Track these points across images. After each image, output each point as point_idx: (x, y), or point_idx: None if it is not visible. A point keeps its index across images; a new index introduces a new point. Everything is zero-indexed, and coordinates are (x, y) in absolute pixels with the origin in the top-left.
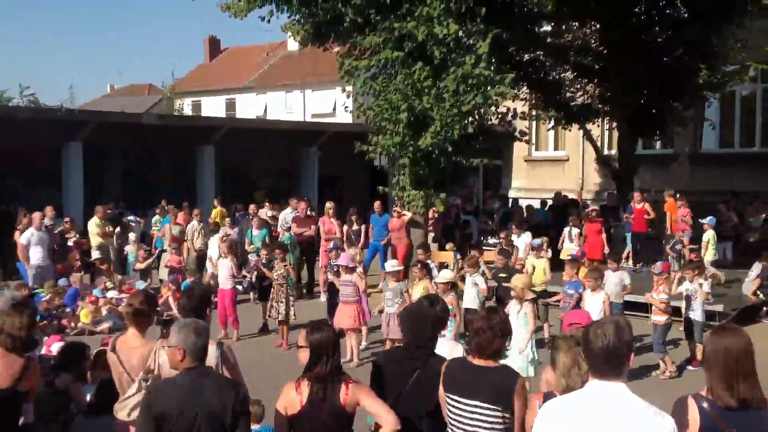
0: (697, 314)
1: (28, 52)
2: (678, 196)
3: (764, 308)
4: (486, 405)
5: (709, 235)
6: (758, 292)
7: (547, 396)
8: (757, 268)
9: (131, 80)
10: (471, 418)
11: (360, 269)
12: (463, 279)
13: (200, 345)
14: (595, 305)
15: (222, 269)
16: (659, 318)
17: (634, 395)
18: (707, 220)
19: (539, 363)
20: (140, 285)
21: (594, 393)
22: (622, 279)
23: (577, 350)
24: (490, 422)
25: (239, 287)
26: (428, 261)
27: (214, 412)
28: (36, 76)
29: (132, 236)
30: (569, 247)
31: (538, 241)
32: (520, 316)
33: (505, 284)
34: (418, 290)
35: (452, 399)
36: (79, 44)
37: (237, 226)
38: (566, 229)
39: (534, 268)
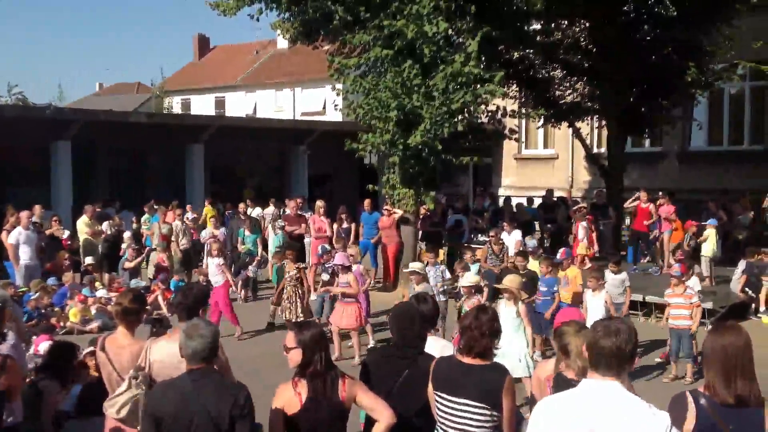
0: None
1: (17, 51)
2: (660, 193)
3: (753, 305)
4: (474, 403)
5: (710, 232)
6: (746, 289)
7: (557, 378)
8: (742, 264)
9: (120, 79)
10: (459, 416)
11: (360, 267)
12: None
13: (194, 348)
14: (596, 305)
15: (211, 267)
16: (688, 322)
17: (629, 393)
18: (709, 222)
19: (534, 363)
20: (140, 284)
21: (590, 390)
22: (623, 281)
23: (586, 333)
24: (479, 420)
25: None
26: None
27: (211, 415)
28: (24, 74)
29: (126, 235)
30: (584, 243)
31: (532, 242)
32: (514, 318)
33: (496, 285)
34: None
35: (441, 397)
36: (68, 43)
37: (226, 226)
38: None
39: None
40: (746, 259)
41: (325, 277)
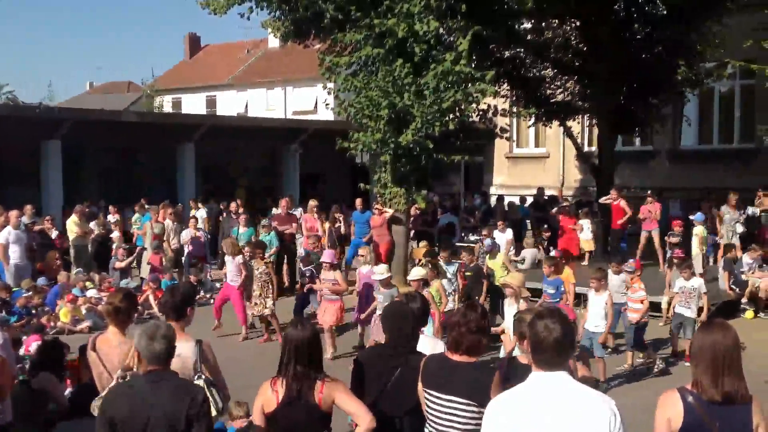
0: (692, 312)
1: (7, 50)
2: (649, 192)
3: (742, 302)
4: (461, 400)
5: (699, 230)
6: (734, 287)
7: (512, 362)
8: (721, 262)
9: (111, 78)
10: (447, 413)
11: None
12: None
13: (155, 349)
14: (599, 305)
15: (230, 266)
16: (635, 315)
17: (577, 382)
18: (695, 217)
19: None
20: (130, 284)
21: (540, 383)
22: (624, 281)
23: None
24: (466, 417)
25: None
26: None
27: (167, 416)
28: (15, 73)
29: (115, 234)
30: (585, 238)
31: (489, 241)
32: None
33: (501, 283)
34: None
35: (429, 394)
36: (59, 42)
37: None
38: (581, 222)
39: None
40: (726, 255)
41: (305, 281)
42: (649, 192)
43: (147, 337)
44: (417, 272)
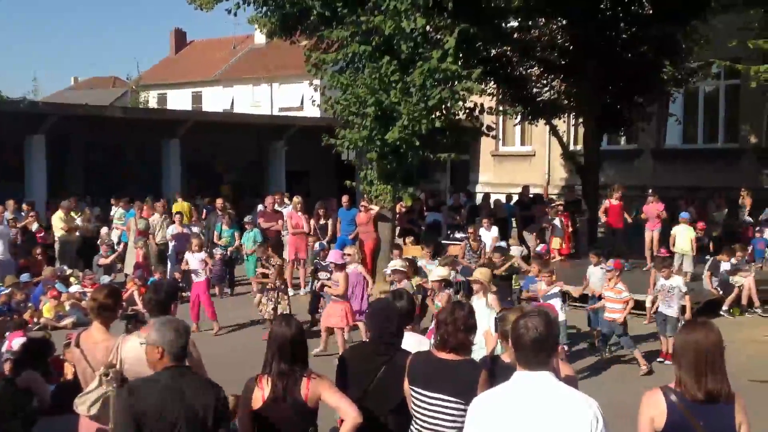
0: (673, 311)
1: None
2: (650, 191)
3: (725, 302)
4: (448, 398)
5: (684, 227)
6: (718, 288)
7: (495, 361)
8: (708, 263)
9: (96, 73)
10: (434, 411)
11: (359, 268)
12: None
13: (179, 344)
14: (551, 301)
15: (193, 264)
16: (618, 315)
17: (560, 383)
18: (682, 215)
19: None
20: (104, 279)
21: (522, 383)
22: (605, 273)
23: None
24: (453, 415)
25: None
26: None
27: (197, 412)
28: None
29: (104, 231)
30: (558, 238)
31: (503, 243)
32: (485, 310)
33: (469, 278)
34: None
35: (416, 392)
36: (43, 36)
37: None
38: (555, 221)
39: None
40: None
41: (324, 275)
42: (650, 191)
43: (174, 333)
44: (439, 272)
